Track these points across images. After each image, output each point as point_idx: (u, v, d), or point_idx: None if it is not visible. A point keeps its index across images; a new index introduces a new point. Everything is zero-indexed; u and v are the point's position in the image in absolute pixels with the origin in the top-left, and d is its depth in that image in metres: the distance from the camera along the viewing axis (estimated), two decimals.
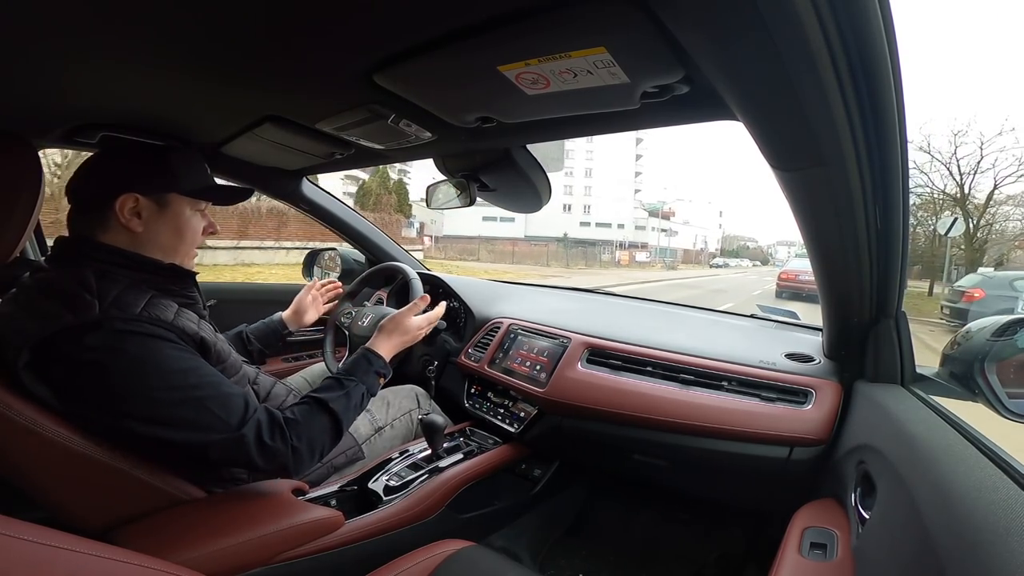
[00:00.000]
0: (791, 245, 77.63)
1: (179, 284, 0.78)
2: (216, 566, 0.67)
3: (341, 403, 0.80)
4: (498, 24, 0.49)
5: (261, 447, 0.70)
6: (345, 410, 0.80)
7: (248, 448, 0.69)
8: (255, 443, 0.70)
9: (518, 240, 30.40)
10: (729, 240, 71.42)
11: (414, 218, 27.09)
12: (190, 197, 0.79)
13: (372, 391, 0.88)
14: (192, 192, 0.79)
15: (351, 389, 0.83)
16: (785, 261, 34.60)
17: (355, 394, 0.83)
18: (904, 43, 0.44)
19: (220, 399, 0.70)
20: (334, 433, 0.79)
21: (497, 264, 21.41)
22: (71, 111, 0.83)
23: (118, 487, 0.69)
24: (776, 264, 58.45)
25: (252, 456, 0.70)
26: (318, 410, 0.78)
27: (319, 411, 0.78)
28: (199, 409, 0.68)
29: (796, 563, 0.64)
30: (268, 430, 0.71)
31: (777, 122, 0.51)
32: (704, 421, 0.95)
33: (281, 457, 0.72)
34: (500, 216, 33.27)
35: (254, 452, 0.69)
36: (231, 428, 0.69)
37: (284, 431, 0.73)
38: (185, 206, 0.79)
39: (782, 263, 53.53)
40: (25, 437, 0.62)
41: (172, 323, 0.70)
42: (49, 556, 0.36)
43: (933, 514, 0.47)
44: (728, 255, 58.17)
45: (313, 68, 0.62)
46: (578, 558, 1.27)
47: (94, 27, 0.53)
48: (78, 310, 0.64)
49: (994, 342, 0.68)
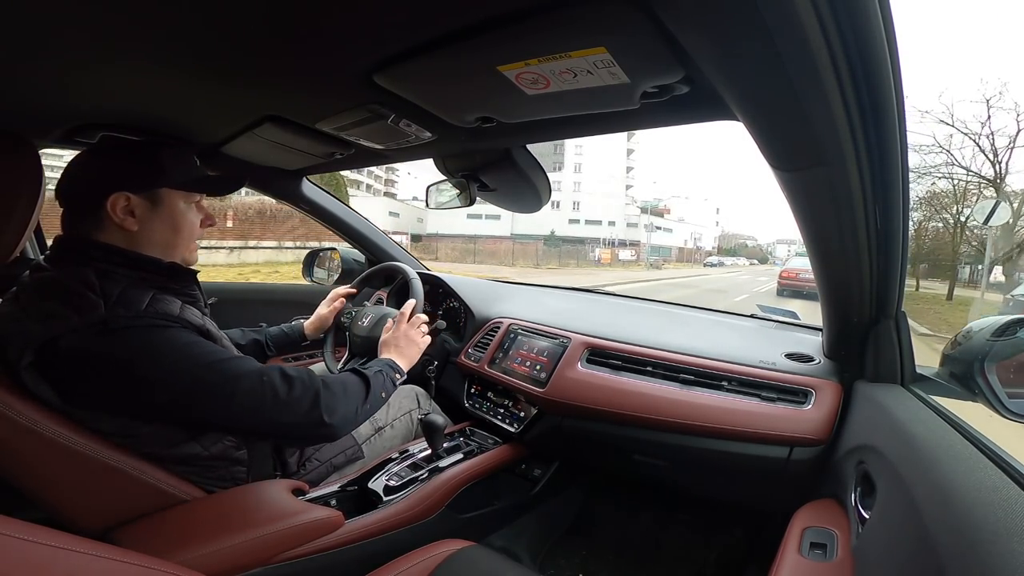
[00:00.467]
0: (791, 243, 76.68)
1: (180, 283, 0.78)
2: (216, 566, 0.67)
3: (369, 371, 0.87)
4: (498, 24, 0.49)
5: (286, 379, 0.74)
6: (369, 373, 0.87)
7: (273, 382, 0.73)
8: (279, 376, 0.74)
9: (503, 239, 29.38)
10: (728, 238, 69.30)
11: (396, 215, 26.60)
12: (182, 190, 0.78)
13: (391, 377, 0.92)
14: (183, 185, 0.78)
15: (368, 366, 0.90)
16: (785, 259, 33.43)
17: (373, 368, 0.90)
18: (904, 43, 0.44)
19: (234, 359, 0.73)
20: (364, 388, 0.84)
21: (456, 264, 20.88)
22: (71, 111, 0.83)
23: (118, 487, 0.69)
24: (776, 263, 56.71)
25: (278, 389, 0.73)
26: (349, 371, 0.86)
27: (350, 372, 0.86)
28: (215, 369, 0.70)
29: (796, 563, 0.64)
30: (292, 369, 0.77)
31: (777, 122, 0.51)
32: (704, 421, 0.95)
33: (308, 387, 0.76)
34: (485, 214, 32.18)
35: (279, 384, 0.73)
36: (249, 370, 0.73)
37: (307, 373, 0.78)
38: (178, 200, 0.78)
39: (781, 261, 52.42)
40: (25, 437, 0.62)
41: (179, 316, 0.71)
42: (49, 556, 0.36)
43: (933, 514, 0.47)
44: (726, 253, 56.12)
45: (313, 68, 0.62)
46: (578, 558, 1.27)
47: (94, 27, 0.53)
48: (83, 310, 0.64)
49: (994, 342, 0.68)
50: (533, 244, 26.74)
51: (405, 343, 1.01)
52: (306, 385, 0.76)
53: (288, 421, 0.74)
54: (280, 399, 0.73)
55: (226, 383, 0.71)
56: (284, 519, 0.76)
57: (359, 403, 0.82)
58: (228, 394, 0.70)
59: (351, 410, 0.80)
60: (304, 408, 0.74)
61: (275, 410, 0.73)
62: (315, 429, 0.77)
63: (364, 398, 0.83)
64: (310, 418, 0.75)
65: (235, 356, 0.75)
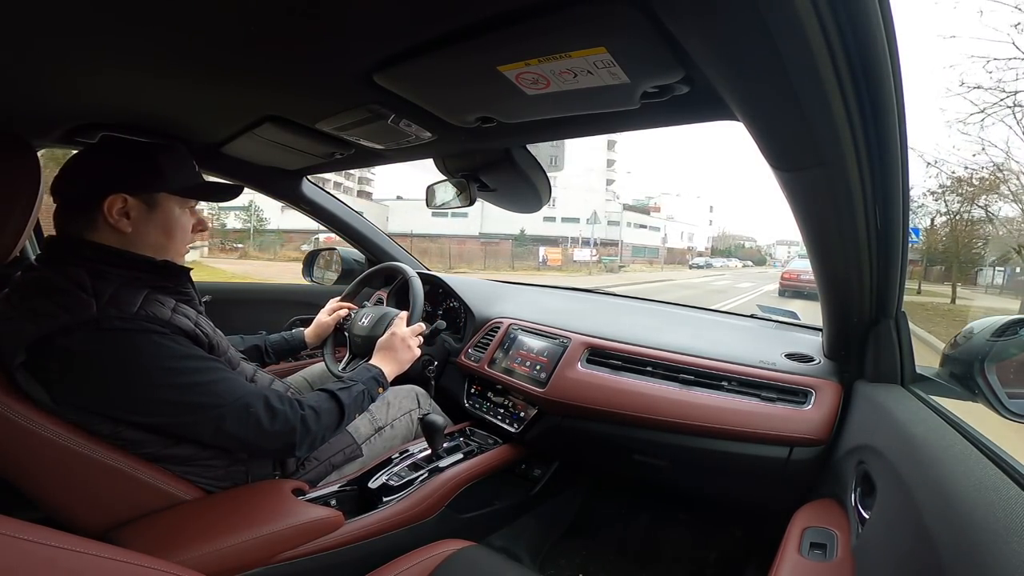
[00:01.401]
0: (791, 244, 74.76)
1: (173, 281, 0.78)
2: (216, 566, 0.67)
3: (344, 394, 0.86)
4: (498, 24, 0.49)
5: (271, 412, 0.75)
6: (347, 400, 0.86)
7: (258, 414, 0.74)
8: (264, 409, 0.75)
9: (468, 239, 27.21)
10: (725, 239, 66.31)
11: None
12: (180, 196, 0.78)
13: (371, 394, 0.92)
14: (181, 191, 0.78)
15: (351, 386, 0.89)
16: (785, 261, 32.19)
17: (355, 390, 0.89)
18: (904, 43, 0.44)
19: (224, 381, 0.73)
20: (338, 416, 0.84)
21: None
22: (71, 111, 0.83)
23: (118, 487, 0.69)
24: (774, 264, 53.52)
25: (262, 421, 0.74)
26: (325, 396, 0.85)
27: (326, 397, 0.85)
28: (204, 391, 0.71)
29: (796, 563, 0.64)
30: (276, 398, 0.77)
31: (777, 122, 0.51)
32: (704, 421, 0.95)
33: (290, 423, 0.77)
34: (452, 211, 26.84)
35: (264, 417, 0.74)
36: (237, 398, 0.73)
37: (292, 401, 0.79)
38: (174, 205, 0.78)
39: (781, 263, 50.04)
40: (24, 437, 0.62)
41: (169, 321, 0.70)
42: (49, 556, 0.36)
43: (933, 514, 0.47)
44: (720, 254, 52.63)
45: (313, 68, 0.62)
46: (578, 558, 1.27)
47: (94, 28, 0.53)
48: (75, 309, 0.64)
49: (994, 342, 0.68)
50: (505, 244, 25.20)
51: (401, 348, 1.03)
52: (288, 421, 0.77)
53: (263, 447, 0.77)
54: (263, 430, 0.75)
55: (212, 407, 0.71)
56: (284, 519, 0.76)
57: (329, 431, 0.84)
58: (213, 418, 0.71)
59: (319, 437, 0.82)
60: (281, 442, 0.77)
61: (254, 438, 0.75)
62: (282, 455, 0.84)
63: (335, 427, 0.85)
64: (283, 447, 0.78)
65: (223, 375, 0.74)
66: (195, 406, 0.70)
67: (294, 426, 0.77)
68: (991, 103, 7.27)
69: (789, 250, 73.47)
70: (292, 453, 0.79)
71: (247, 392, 0.75)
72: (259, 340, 1.15)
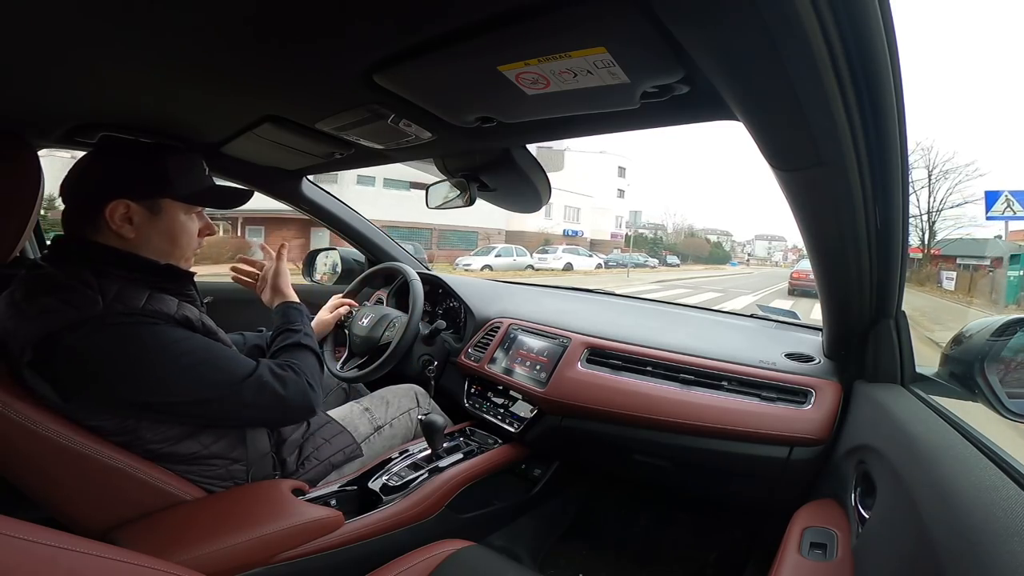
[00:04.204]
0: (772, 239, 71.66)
1: (176, 283, 0.78)
2: (216, 566, 0.67)
3: (308, 338, 0.93)
4: (498, 24, 0.49)
5: (279, 379, 0.79)
6: (308, 340, 0.92)
7: (270, 382, 0.77)
8: (272, 377, 0.78)
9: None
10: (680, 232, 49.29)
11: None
12: (185, 203, 0.77)
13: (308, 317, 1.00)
14: (187, 197, 0.77)
15: (298, 330, 0.94)
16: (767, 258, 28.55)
17: (306, 329, 0.95)
18: (904, 43, 0.44)
19: (231, 357, 0.76)
20: (319, 364, 0.91)
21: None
22: (71, 111, 0.83)
23: (118, 487, 0.69)
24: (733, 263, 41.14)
25: (276, 389, 0.77)
26: (294, 345, 0.90)
27: (295, 345, 0.90)
28: (215, 368, 0.73)
29: (796, 563, 0.64)
30: (277, 365, 0.81)
31: (777, 122, 0.51)
32: (704, 421, 0.95)
33: (298, 384, 0.81)
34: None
35: (276, 385, 0.78)
36: (249, 372, 0.76)
37: (287, 363, 0.83)
38: (179, 211, 0.77)
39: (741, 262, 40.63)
40: (25, 436, 0.62)
41: (173, 315, 0.71)
42: (50, 556, 0.36)
43: (933, 514, 0.47)
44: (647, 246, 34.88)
45: (313, 68, 0.62)
46: (578, 558, 1.27)
47: (94, 27, 0.53)
48: (82, 305, 0.64)
49: (994, 342, 0.68)
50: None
51: (284, 283, 1.05)
52: (296, 381, 0.82)
53: (288, 414, 0.82)
54: (280, 397, 0.78)
55: (227, 384, 0.73)
56: (284, 519, 0.76)
57: (320, 375, 0.89)
58: (234, 394, 0.74)
59: (317, 381, 0.87)
60: (300, 401, 0.81)
61: (278, 406, 0.79)
62: (305, 415, 0.87)
63: (321, 368, 0.90)
64: (305, 407, 0.83)
65: (230, 353, 0.77)
66: (211, 383, 0.72)
67: (303, 385, 0.81)
68: None
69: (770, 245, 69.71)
70: (314, 411, 0.84)
71: (253, 366, 0.78)
72: (260, 339, 1.15)
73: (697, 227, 56.10)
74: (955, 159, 20.66)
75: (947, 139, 76.64)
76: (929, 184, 14.78)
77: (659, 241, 42.30)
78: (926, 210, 15.03)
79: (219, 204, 0.83)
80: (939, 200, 15.87)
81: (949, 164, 16.62)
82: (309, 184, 1.43)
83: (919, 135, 12.91)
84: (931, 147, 18.28)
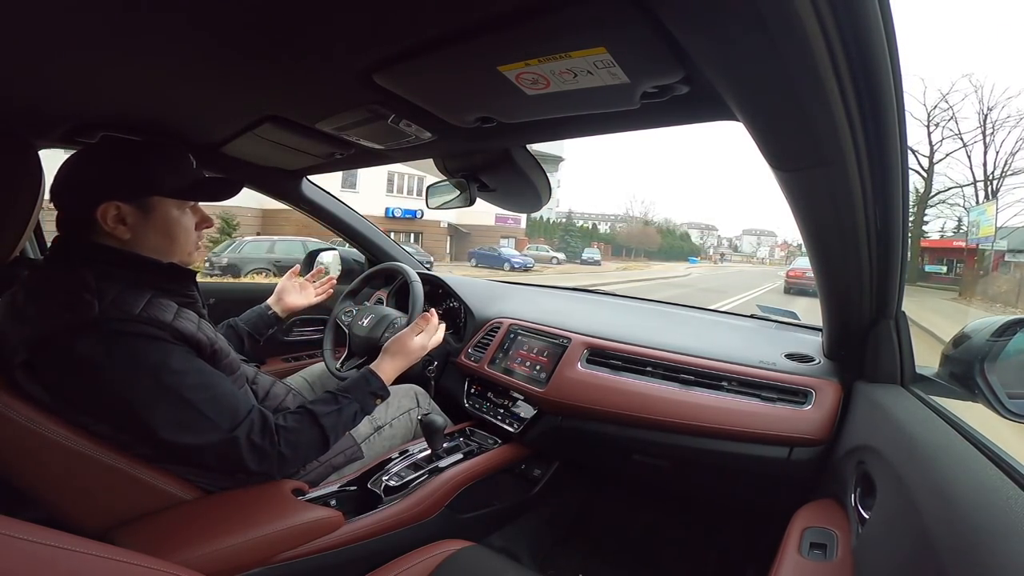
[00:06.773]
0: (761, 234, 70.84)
1: (178, 283, 0.78)
2: (216, 566, 0.67)
3: (331, 419, 0.83)
4: (498, 24, 0.49)
5: (252, 448, 0.73)
6: (334, 426, 0.83)
7: (240, 450, 0.72)
8: (246, 445, 0.72)
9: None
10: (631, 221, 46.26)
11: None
12: (173, 199, 0.76)
13: (367, 410, 0.90)
14: (175, 193, 0.76)
15: (344, 406, 0.85)
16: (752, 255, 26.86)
17: (347, 411, 0.86)
18: (904, 43, 0.44)
19: (214, 401, 0.71)
20: (321, 446, 0.82)
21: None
22: (71, 111, 0.83)
23: (117, 487, 0.69)
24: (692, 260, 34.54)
25: (244, 457, 0.72)
26: (309, 423, 0.81)
27: (310, 423, 0.81)
28: (193, 411, 0.69)
29: (796, 563, 0.64)
30: (260, 432, 0.74)
31: (777, 122, 0.51)
32: (704, 421, 0.95)
33: (269, 459, 0.75)
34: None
35: (245, 454, 0.72)
36: (224, 431, 0.71)
37: (274, 435, 0.76)
38: (171, 207, 0.76)
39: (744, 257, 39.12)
40: (24, 437, 0.62)
41: (170, 324, 0.70)
42: (49, 556, 0.36)
43: (933, 514, 0.47)
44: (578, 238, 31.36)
45: (313, 68, 0.62)
46: (578, 558, 1.27)
47: (93, 28, 0.53)
48: (77, 309, 0.64)
49: (994, 342, 0.68)
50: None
51: (419, 351, 1.01)
52: (267, 457, 0.75)
53: (247, 463, 0.73)
54: (243, 465, 0.73)
55: (213, 429, 0.70)
56: (284, 519, 0.76)
57: (310, 457, 0.85)
58: (208, 437, 0.70)
59: (299, 464, 0.83)
60: (267, 462, 0.75)
61: (232, 466, 0.74)
62: (263, 475, 0.78)
63: (318, 452, 0.84)
64: (263, 466, 0.75)
65: (227, 395, 0.73)
66: (180, 423, 0.68)
67: (271, 465, 0.75)
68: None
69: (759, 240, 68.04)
70: (270, 476, 0.79)
71: (239, 420, 0.73)
72: (234, 329, 1.15)
73: (678, 220, 49.96)
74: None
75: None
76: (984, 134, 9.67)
77: (583, 230, 36.07)
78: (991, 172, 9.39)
79: (208, 197, 0.82)
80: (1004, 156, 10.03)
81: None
82: (309, 184, 1.43)
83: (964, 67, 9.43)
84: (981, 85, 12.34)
